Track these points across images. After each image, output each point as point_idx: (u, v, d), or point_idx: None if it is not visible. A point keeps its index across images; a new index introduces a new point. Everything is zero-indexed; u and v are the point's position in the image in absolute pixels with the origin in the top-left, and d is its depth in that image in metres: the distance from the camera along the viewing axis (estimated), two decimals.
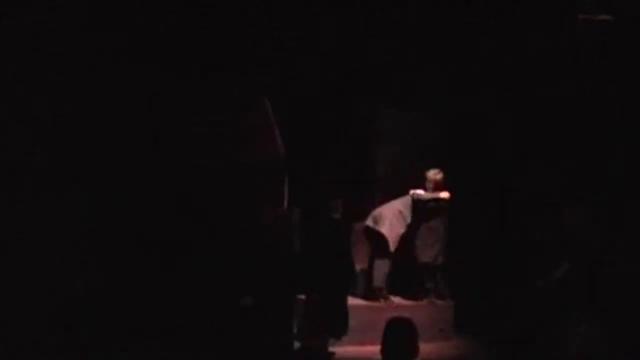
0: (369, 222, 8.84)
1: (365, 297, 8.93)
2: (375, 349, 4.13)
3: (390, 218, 8.72)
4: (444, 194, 8.85)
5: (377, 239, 8.74)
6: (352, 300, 8.70)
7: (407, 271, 9.13)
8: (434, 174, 8.89)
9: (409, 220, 8.79)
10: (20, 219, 6.44)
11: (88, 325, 6.39)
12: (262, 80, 7.68)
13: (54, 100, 6.61)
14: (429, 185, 8.87)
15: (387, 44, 8.57)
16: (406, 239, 8.86)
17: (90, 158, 6.77)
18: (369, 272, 8.99)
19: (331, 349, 8.04)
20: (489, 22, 8.23)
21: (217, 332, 6.70)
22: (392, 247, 8.65)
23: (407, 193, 8.89)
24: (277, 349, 7.24)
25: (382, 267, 8.86)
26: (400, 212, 8.78)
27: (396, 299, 9.03)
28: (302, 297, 8.23)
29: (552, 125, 8.92)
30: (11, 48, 6.40)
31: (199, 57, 7.22)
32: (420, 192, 8.85)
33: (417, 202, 8.82)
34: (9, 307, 6.20)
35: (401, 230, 8.74)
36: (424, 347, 4.06)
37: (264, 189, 7.56)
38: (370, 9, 8.13)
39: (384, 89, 9.15)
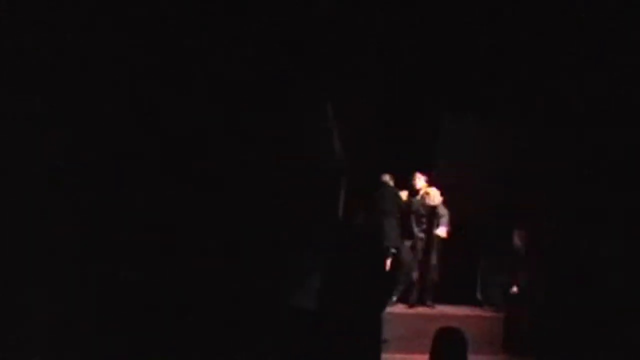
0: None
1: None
2: (423, 357, 4.19)
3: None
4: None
5: None
6: (400, 309, 8.78)
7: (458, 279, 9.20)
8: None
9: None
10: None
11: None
12: (334, 82, 7.60)
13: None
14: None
15: (469, 51, 8.27)
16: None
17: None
18: None
19: None
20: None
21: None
22: None
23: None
24: None
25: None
26: None
27: (444, 308, 9.12)
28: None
29: None
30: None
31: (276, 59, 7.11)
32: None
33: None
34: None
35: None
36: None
37: (315, 194, 7.50)
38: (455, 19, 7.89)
39: (457, 98, 8.93)
